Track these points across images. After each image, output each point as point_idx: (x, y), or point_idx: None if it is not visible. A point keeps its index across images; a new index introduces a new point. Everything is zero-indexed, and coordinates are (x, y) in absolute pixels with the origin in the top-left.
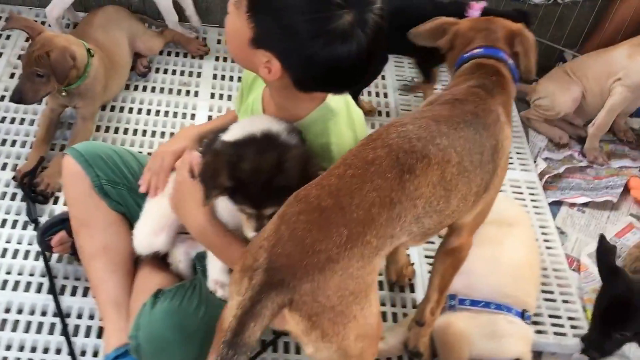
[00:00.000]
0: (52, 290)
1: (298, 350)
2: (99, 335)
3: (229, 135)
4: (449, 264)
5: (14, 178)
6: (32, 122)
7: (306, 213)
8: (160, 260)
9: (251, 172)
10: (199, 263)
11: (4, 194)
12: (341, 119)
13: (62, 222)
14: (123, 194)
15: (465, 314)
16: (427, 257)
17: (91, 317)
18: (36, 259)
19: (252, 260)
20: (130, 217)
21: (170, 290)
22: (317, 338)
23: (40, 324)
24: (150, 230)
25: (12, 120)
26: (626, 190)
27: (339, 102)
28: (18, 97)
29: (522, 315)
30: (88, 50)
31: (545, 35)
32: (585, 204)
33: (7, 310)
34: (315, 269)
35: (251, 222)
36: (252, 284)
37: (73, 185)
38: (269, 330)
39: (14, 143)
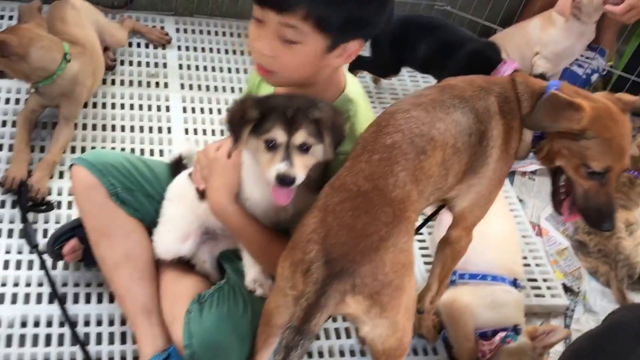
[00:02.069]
0: (58, 301)
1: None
2: (124, 341)
3: None
4: (447, 253)
5: (0, 184)
6: (4, 124)
7: (349, 200)
8: (182, 261)
9: (284, 100)
10: (225, 262)
11: None
12: (359, 106)
13: (72, 230)
14: (140, 200)
15: (466, 288)
16: (422, 248)
17: (111, 323)
18: (41, 268)
19: (301, 254)
20: (146, 223)
21: (212, 295)
22: (376, 314)
23: (61, 335)
24: (176, 238)
25: None
26: None
27: (356, 93)
28: None
29: (514, 283)
30: (64, 55)
31: (482, 15)
32: (534, 172)
33: (24, 324)
34: (371, 250)
35: (279, 153)
36: (314, 278)
37: (88, 197)
38: None
39: None
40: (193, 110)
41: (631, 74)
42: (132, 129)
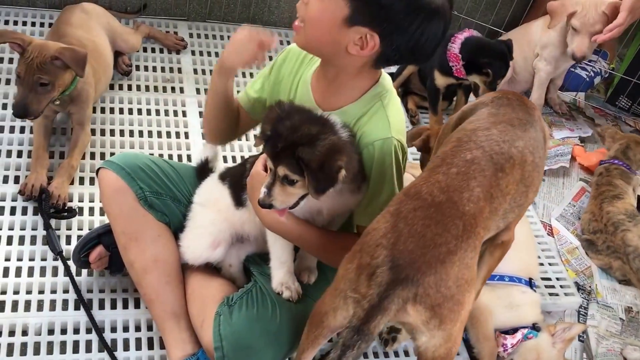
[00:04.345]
0: (84, 307)
1: None
2: (151, 346)
3: None
4: (497, 256)
5: (20, 192)
6: (22, 130)
7: (422, 209)
8: (209, 266)
9: (287, 129)
10: (252, 265)
11: (14, 209)
12: (392, 95)
13: (97, 238)
14: (168, 204)
15: (484, 289)
16: None
17: (137, 329)
18: (66, 274)
19: (369, 259)
20: (172, 226)
21: (241, 297)
22: (434, 326)
23: (89, 342)
24: (208, 245)
25: (1, 130)
26: (572, 158)
27: (390, 86)
28: (23, 110)
29: (530, 283)
30: None
31: (488, 20)
32: (543, 172)
33: (51, 332)
34: (437, 262)
35: (268, 177)
36: (378, 281)
37: (117, 200)
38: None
39: (9, 153)
40: None
41: (632, 76)
42: (149, 134)
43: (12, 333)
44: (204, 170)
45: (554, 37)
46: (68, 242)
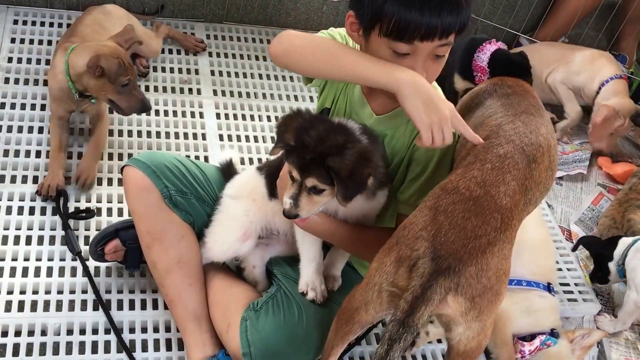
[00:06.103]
0: (103, 308)
1: None
2: (169, 348)
3: None
4: None
5: (37, 192)
6: (40, 130)
7: (461, 202)
8: (230, 269)
9: (314, 140)
10: (275, 267)
11: (32, 209)
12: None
13: (115, 232)
14: (192, 204)
15: None
16: None
17: (156, 330)
18: (85, 275)
19: (409, 251)
20: (196, 227)
21: (266, 302)
22: (472, 318)
23: (107, 342)
24: (238, 237)
25: (20, 130)
26: (591, 163)
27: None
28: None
29: (548, 288)
30: None
31: (505, 23)
32: (561, 177)
33: (70, 332)
34: (478, 252)
35: (293, 187)
36: (420, 272)
37: (142, 199)
38: None
39: (28, 154)
40: (227, 116)
41: None
42: (167, 135)
43: (31, 333)
44: (228, 170)
45: (585, 76)
46: (86, 243)
